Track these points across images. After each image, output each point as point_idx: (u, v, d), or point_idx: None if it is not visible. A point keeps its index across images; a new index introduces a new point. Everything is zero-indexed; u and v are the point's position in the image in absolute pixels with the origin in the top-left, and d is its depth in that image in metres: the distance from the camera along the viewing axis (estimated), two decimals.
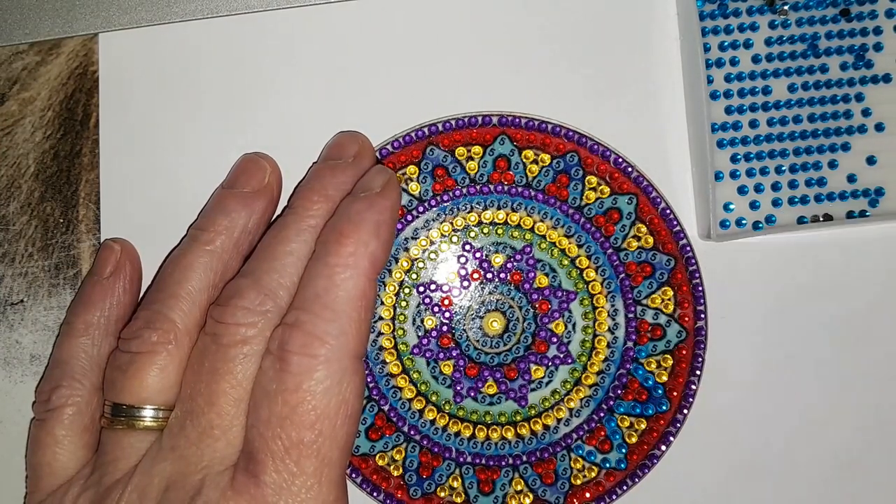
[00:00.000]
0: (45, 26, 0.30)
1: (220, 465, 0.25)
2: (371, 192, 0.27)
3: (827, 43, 0.29)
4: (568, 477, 0.30)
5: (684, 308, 0.30)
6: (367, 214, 0.26)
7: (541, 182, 0.30)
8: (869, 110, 0.29)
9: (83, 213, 0.30)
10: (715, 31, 0.29)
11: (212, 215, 0.28)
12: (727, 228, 0.29)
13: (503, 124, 0.29)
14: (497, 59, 0.30)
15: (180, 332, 0.26)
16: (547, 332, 0.30)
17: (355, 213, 0.26)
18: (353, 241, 0.25)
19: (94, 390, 0.28)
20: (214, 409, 0.25)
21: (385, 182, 0.27)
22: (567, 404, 0.30)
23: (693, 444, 0.30)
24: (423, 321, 0.30)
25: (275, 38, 0.30)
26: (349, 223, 0.26)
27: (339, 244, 0.25)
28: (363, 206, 0.26)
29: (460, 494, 0.30)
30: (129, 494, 0.25)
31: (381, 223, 0.26)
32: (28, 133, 0.30)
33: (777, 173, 0.29)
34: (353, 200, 0.27)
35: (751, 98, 0.29)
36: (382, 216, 0.26)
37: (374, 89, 0.30)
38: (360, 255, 0.25)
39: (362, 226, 0.26)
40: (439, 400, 0.30)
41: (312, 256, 0.26)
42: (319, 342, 0.25)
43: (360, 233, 0.26)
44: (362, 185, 0.27)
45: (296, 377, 0.24)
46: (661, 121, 0.30)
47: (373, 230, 0.26)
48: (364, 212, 0.26)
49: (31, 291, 0.30)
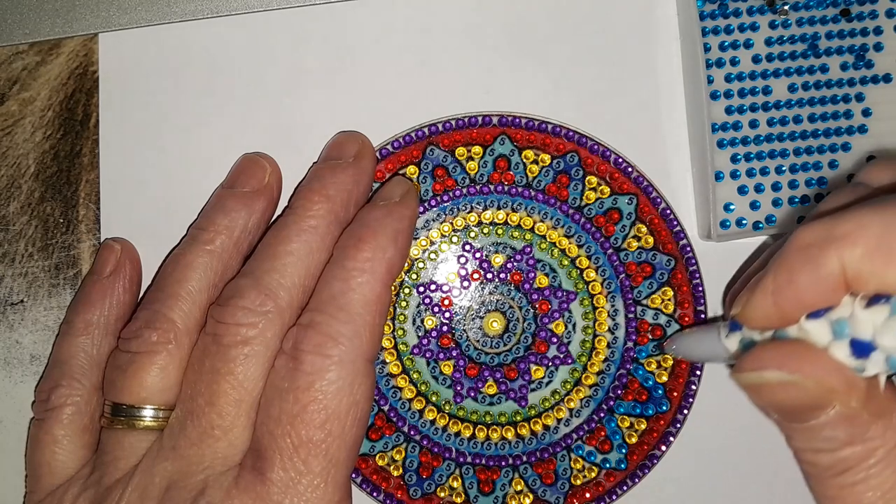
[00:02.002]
0: (45, 26, 0.30)
1: (222, 466, 0.25)
2: (390, 201, 0.27)
3: (827, 43, 0.29)
4: (568, 477, 0.30)
5: (684, 308, 0.30)
6: (386, 221, 0.26)
7: (541, 182, 0.30)
8: (869, 110, 0.29)
9: (83, 213, 0.30)
10: (715, 31, 0.29)
11: (212, 215, 0.28)
12: (727, 228, 0.29)
13: (503, 124, 0.29)
14: (497, 59, 0.30)
15: (180, 331, 0.26)
16: (547, 332, 0.30)
17: (374, 220, 0.26)
18: (371, 247, 0.26)
19: (93, 390, 0.28)
20: (215, 410, 0.25)
21: (404, 192, 0.28)
22: (567, 404, 0.30)
23: (693, 444, 0.30)
24: (424, 321, 0.30)
25: (275, 38, 0.30)
26: (368, 229, 0.26)
27: (357, 249, 0.26)
28: (382, 213, 0.27)
29: (460, 494, 0.30)
30: (130, 494, 0.25)
31: (400, 231, 0.26)
32: (28, 133, 0.30)
33: (777, 173, 0.29)
34: (373, 208, 0.27)
35: (751, 98, 0.29)
36: (401, 224, 0.27)
37: (374, 89, 0.30)
38: (377, 260, 0.26)
39: (381, 232, 0.26)
40: (439, 400, 0.30)
41: (330, 260, 0.26)
42: (333, 343, 0.25)
43: (379, 239, 0.26)
44: (382, 194, 0.28)
45: (308, 376, 0.24)
46: (661, 121, 0.30)
47: (391, 237, 0.26)
48: (383, 219, 0.26)
49: (31, 291, 0.30)
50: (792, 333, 0.21)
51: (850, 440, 0.20)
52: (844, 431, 0.20)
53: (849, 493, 0.20)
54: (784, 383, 0.20)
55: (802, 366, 0.20)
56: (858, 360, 0.19)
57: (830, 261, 0.19)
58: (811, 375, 0.20)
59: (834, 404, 0.20)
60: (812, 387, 0.20)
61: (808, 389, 0.20)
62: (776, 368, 0.20)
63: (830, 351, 0.20)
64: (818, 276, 0.19)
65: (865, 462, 0.20)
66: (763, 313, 0.21)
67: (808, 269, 0.20)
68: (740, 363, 0.21)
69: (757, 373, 0.21)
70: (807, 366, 0.20)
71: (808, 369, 0.20)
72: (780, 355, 0.20)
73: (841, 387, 0.20)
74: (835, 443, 0.20)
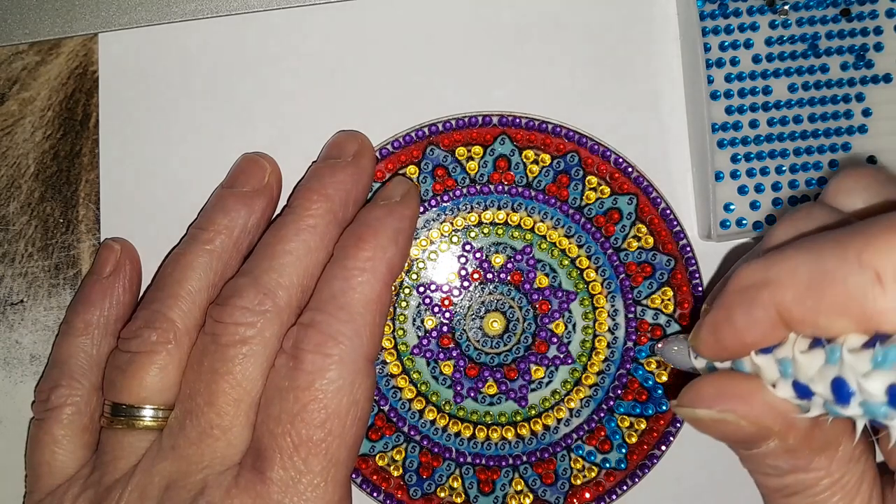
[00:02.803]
0: (45, 26, 0.30)
1: (222, 466, 0.25)
2: (391, 201, 0.27)
3: (827, 43, 0.29)
4: (568, 477, 0.30)
5: (684, 308, 0.30)
6: (387, 221, 0.26)
7: (541, 182, 0.30)
8: (869, 110, 0.29)
9: (83, 213, 0.30)
10: (715, 30, 0.29)
11: (211, 215, 0.28)
12: (727, 228, 0.29)
13: (503, 124, 0.29)
14: (497, 60, 0.30)
15: (180, 331, 0.26)
16: (547, 332, 0.30)
17: (375, 219, 0.27)
18: (371, 246, 0.26)
19: (93, 390, 0.28)
20: (214, 409, 0.25)
21: (405, 192, 0.28)
22: (567, 404, 0.30)
23: (693, 444, 0.30)
24: (424, 321, 0.30)
25: (275, 38, 0.30)
26: (368, 229, 0.26)
27: (357, 248, 0.26)
28: (383, 213, 0.27)
29: (460, 495, 0.30)
30: (130, 494, 0.25)
31: (400, 231, 0.26)
32: (28, 133, 0.30)
33: (777, 173, 0.29)
34: (374, 208, 0.27)
35: (751, 98, 0.29)
36: (402, 224, 0.27)
37: (374, 89, 0.30)
38: (377, 259, 0.26)
39: (381, 232, 0.26)
40: (439, 400, 0.30)
41: (331, 260, 0.26)
42: (333, 342, 0.25)
43: (379, 238, 0.26)
44: (383, 194, 0.28)
45: (309, 375, 0.25)
46: (661, 121, 0.30)
47: (392, 237, 0.26)
48: (384, 218, 0.26)
49: (31, 291, 0.30)
50: (746, 366, 0.21)
51: (793, 470, 0.20)
52: (786, 462, 0.20)
53: None
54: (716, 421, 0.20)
55: (736, 405, 0.20)
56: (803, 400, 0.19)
57: (764, 303, 0.19)
58: (745, 415, 0.20)
59: (773, 439, 0.20)
60: (746, 425, 0.20)
61: (741, 427, 0.20)
62: (708, 407, 0.20)
63: (777, 388, 0.20)
64: (753, 318, 0.19)
65: (812, 489, 0.20)
66: (709, 348, 0.21)
67: (743, 310, 0.20)
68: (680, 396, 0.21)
69: (690, 409, 0.21)
70: (740, 405, 0.20)
71: (742, 409, 0.20)
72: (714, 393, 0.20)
73: (777, 426, 0.20)
74: (779, 470, 0.21)
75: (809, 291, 0.18)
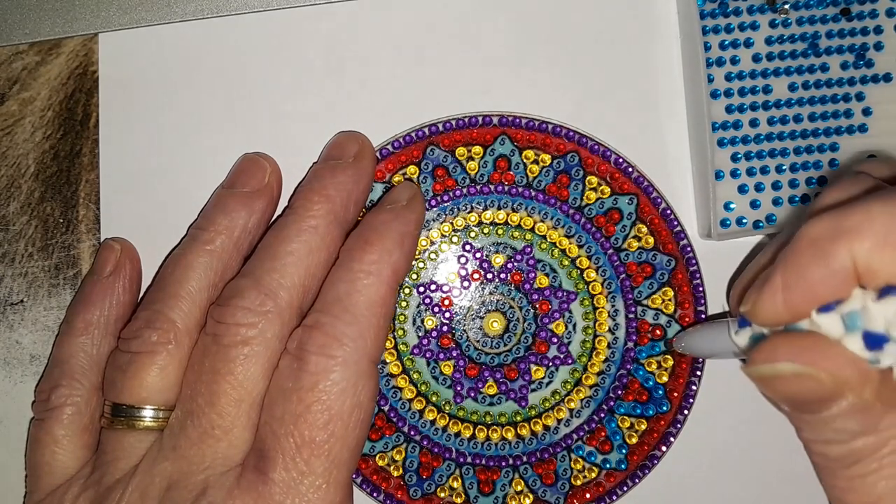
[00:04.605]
0: (45, 26, 0.30)
1: (223, 466, 0.25)
2: (397, 205, 0.27)
3: (827, 42, 0.29)
4: (568, 477, 0.30)
5: (685, 308, 0.30)
6: (393, 225, 0.27)
7: (541, 182, 0.30)
8: (869, 109, 0.29)
9: (83, 213, 0.30)
10: (715, 30, 0.29)
11: (212, 215, 0.28)
12: (728, 228, 0.29)
13: (503, 124, 0.29)
14: (497, 59, 0.30)
15: (180, 331, 0.26)
16: (547, 332, 0.30)
17: (380, 223, 0.27)
18: (377, 249, 0.26)
19: (93, 390, 0.28)
20: (215, 410, 0.25)
21: (411, 196, 0.28)
22: (567, 405, 0.30)
23: (693, 445, 0.30)
24: (424, 321, 0.30)
25: (275, 38, 0.30)
26: (374, 232, 0.26)
27: (363, 251, 0.26)
28: (389, 216, 0.27)
29: (460, 495, 0.30)
30: (131, 494, 0.25)
31: (406, 234, 0.27)
32: (28, 133, 0.30)
33: (777, 172, 0.29)
34: (380, 211, 0.27)
35: (751, 97, 0.29)
36: (407, 227, 0.27)
37: (374, 89, 0.30)
38: (383, 262, 0.26)
39: (387, 235, 0.26)
40: (439, 400, 0.30)
41: (336, 263, 0.27)
42: (338, 343, 0.25)
43: (385, 241, 0.26)
44: (389, 198, 0.28)
45: (312, 376, 0.25)
46: (661, 121, 0.30)
47: (397, 240, 0.26)
48: (390, 222, 0.27)
49: (31, 291, 0.30)
50: (803, 327, 0.20)
51: (863, 431, 0.20)
52: (857, 422, 0.20)
53: (860, 483, 0.20)
54: (798, 375, 0.20)
55: (816, 358, 0.20)
56: (872, 352, 0.19)
57: (841, 254, 0.19)
58: (825, 368, 0.19)
59: (847, 396, 0.20)
60: (826, 379, 0.19)
61: (821, 381, 0.20)
62: (789, 360, 0.20)
63: (843, 343, 0.20)
64: (829, 271, 0.19)
65: (878, 452, 0.20)
66: (773, 310, 0.21)
67: (819, 263, 0.19)
68: (753, 355, 0.21)
69: (770, 365, 0.20)
70: (820, 358, 0.20)
71: (822, 362, 0.19)
72: (793, 347, 0.20)
73: (854, 379, 0.19)
74: (847, 434, 0.20)
75: (888, 238, 0.18)
